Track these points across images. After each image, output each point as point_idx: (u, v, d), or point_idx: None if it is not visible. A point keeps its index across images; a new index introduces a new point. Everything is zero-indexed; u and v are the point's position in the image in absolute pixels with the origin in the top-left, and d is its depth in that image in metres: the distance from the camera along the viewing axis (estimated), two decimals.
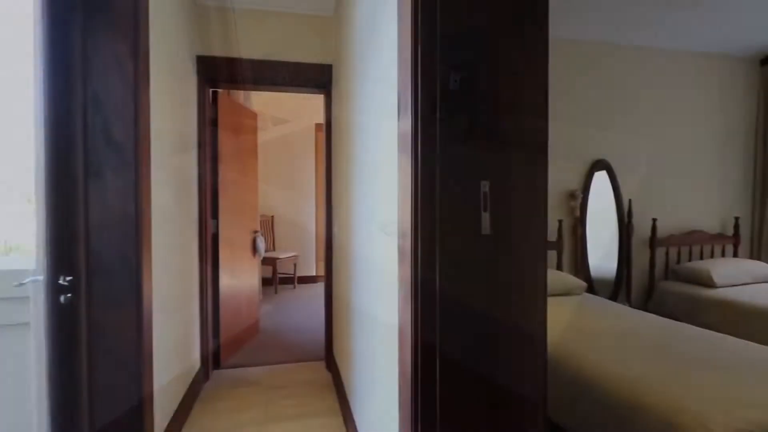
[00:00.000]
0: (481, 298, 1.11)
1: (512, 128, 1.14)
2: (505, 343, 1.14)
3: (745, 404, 1.40)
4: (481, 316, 1.10)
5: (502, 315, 1.14)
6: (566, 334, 2.15)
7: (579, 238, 3.49)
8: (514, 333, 1.15)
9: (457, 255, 1.08)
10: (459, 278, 1.09)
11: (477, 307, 1.11)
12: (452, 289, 1.08)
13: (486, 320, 1.11)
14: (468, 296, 1.09)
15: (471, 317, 1.10)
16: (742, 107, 3.93)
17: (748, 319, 2.84)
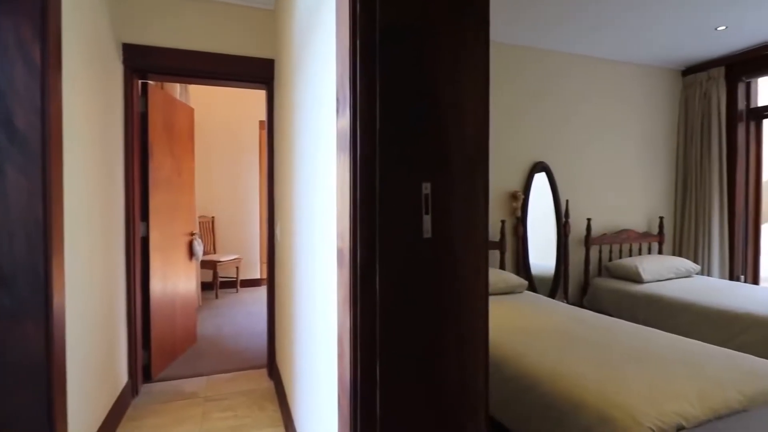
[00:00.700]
0: (423, 302, 1.07)
1: (454, 129, 1.11)
2: (448, 346, 1.12)
3: (673, 396, 1.47)
4: (423, 320, 1.07)
5: (445, 318, 1.11)
6: (508, 332, 2.18)
7: (520, 237, 3.60)
8: (457, 335, 1.13)
9: (398, 258, 1.04)
10: (400, 282, 1.04)
11: (419, 311, 1.07)
12: (393, 293, 1.03)
13: (428, 324, 1.08)
14: (409, 300, 1.05)
15: (412, 322, 1.06)
16: (666, 115, 4.23)
17: (673, 312, 3.04)
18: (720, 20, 3.15)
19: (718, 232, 3.95)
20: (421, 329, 1.07)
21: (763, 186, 4.03)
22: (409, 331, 1.05)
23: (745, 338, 2.60)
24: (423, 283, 1.07)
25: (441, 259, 1.10)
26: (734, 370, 1.67)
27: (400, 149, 1.04)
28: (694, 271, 3.72)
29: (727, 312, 2.74)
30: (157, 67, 2.64)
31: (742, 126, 3.91)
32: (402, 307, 1.04)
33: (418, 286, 1.06)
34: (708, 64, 3.99)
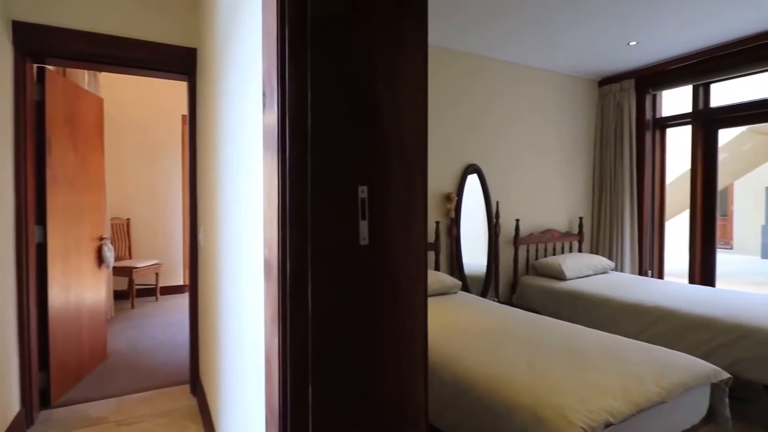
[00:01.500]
0: (360, 316, 0.99)
1: (392, 128, 1.05)
2: (387, 360, 1.05)
3: (599, 393, 1.52)
4: (361, 334, 0.99)
5: (383, 331, 1.04)
6: (444, 335, 2.17)
7: (454, 238, 3.65)
8: (396, 348, 1.06)
9: (333, 269, 0.95)
10: (335, 293, 0.96)
11: (355, 326, 0.99)
12: (327, 307, 0.94)
13: (366, 339, 1.00)
14: (345, 315, 0.97)
15: (349, 338, 0.98)
16: (585, 122, 4.52)
17: (593, 307, 3.23)
18: (632, 36, 3.41)
19: (629, 231, 4.28)
20: (358, 345, 0.99)
21: (665, 188, 4.44)
22: (346, 348, 0.96)
23: (656, 329, 2.82)
24: (360, 295, 0.99)
25: (379, 268, 1.03)
26: (651, 363, 1.77)
27: (334, 149, 0.96)
28: (610, 267, 4.00)
29: (639, 306, 2.96)
30: (57, 50, 2.32)
31: (649, 134, 4.28)
32: (337, 322, 0.95)
33: (355, 299, 0.98)
34: (621, 76, 4.32)
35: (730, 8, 2.91)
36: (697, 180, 4.00)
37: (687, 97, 4.04)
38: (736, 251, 10.38)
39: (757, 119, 3.86)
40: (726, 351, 2.47)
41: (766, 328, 2.35)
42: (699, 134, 3.98)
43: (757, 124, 5.19)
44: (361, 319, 0.98)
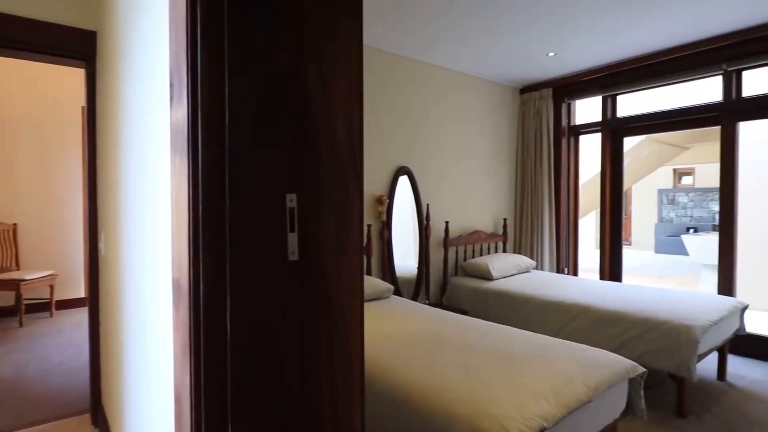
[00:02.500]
0: (291, 341, 0.87)
1: (324, 128, 0.94)
2: (321, 389, 0.94)
3: (533, 397, 1.53)
4: (291, 365, 0.87)
5: (318, 356, 0.93)
6: (377, 344, 2.10)
7: (386, 241, 3.60)
8: (331, 374, 0.96)
9: (256, 289, 0.82)
10: (259, 321, 0.83)
11: (285, 354, 0.87)
12: (250, 336, 0.81)
13: (297, 370, 0.88)
14: (272, 343, 0.84)
15: (277, 370, 0.85)
16: (508, 127, 4.71)
17: (518, 306, 3.35)
18: (551, 48, 3.59)
19: (548, 231, 4.53)
20: (288, 379, 0.87)
21: (579, 191, 4.76)
22: (273, 383, 0.84)
23: (575, 325, 2.97)
24: (290, 319, 0.87)
25: (312, 286, 0.91)
26: (577, 362, 1.84)
27: (256, 151, 0.83)
28: (531, 266, 4.19)
29: (560, 303, 3.11)
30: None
31: (565, 140, 4.55)
32: (263, 354, 0.82)
33: (284, 324, 0.86)
34: (540, 84, 4.55)
35: (637, 27, 3.16)
36: (606, 183, 4.33)
37: (599, 107, 4.35)
38: (634, 247, 11.56)
39: (656, 129, 4.27)
40: (636, 343, 2.66)
41: (668, 321, 2.56)
42: (607, 141, 4.31)
43: (655, 134, 5.78)
44: (292, 347, 0.86)
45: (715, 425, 2.38)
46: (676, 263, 9.05)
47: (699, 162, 10.42)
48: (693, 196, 11.09)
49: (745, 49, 3.27)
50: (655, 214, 11.55)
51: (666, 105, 3.95)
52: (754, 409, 2.55)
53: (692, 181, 11.55)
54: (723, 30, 3.23)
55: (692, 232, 9.89)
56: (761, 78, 3.47)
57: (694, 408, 2.55)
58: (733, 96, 3.47)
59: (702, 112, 3.67)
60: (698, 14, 2.96)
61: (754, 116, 3.44)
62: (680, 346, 2.46)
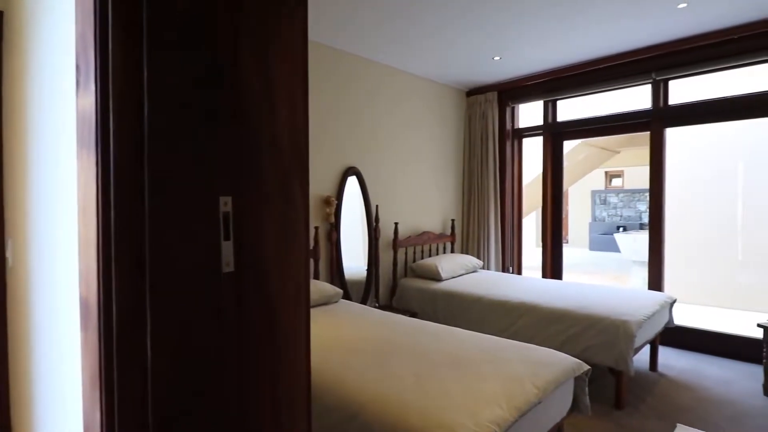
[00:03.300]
0: (224, 370, 0.77)
1: (265, 123, 0.84)
2: (263, 418, 0.84)
3: (486, 402, 1.51)
4: (225, 395, 0.76)
5: (259, 372, 0.83)
6: (326, 353, 2.00)
7: (334, 243, 3.50)
8: (276, 388, 0.86)
9: (183, 307, 0.71)
10: (189, 342, 0.72)
11: (221, 381, 0.76)
12: (175, 364, 0.70)
13: (232, 400, 0.78)
14: (204, 371, 0.74)
15: (209, 402, 0.74)
16: (456, 129, 4.76)
17: (467, 306, 3.37)
18: (496, 52, 3.65)
19: (493, 231, 4.63)
20: (225, 402, 0.76)
21: (522, 192, 4.91)
22: (207, 411, 0.73)
23: (521, 323, 3.03)
24: (225, 339, 0.76)
25: (251, 301, 0.81)
26: (526, 362, 1.84)
27: (183, 147, 0.72)
28: (479, 266, 4.26)
29: (507, 302, 3.16)
30: None
31: (509, 143, 4.68)
32: (192, 381, 0.71)
33: (219, 344, 0.75)
34: (486, 88, 4.64)
35: (576, 36, 3.28)
36: (548, 184, 4.49)
37: (540, 111, 4.51)
38: (570, 245, 12.21)
39: (593, 133, 4.49)
40: (578, 339, 2.75)
41: (607, 317, 2.67)
42: (548, 144, 4.47)
43: (590, 138, 6.10)
44: (228, 370, 0.76)
45: (650, 415, 2.50)
46: (608, 260, 9.64)
47: (628, 165, 11.18)
48: (622, 197, 11.88)
49: (672, 60, 3.50)
50: (589, 213, 12.27)
51: (602, 111, 4.16)
52: (684, 397, 2.72)
53: (622, 183, 12.38)
54: (653, 41, 3.43)
55: (622, 230, 10.60)
56: (686, 87, 3.73)
57: (630, 399, 2.67)
58: (661, 104, 3.70)
59: (634, 118, 3.90)
60: (630, 25, 3.12)
61: (680, 123, 3.70)
62: (618, 341, 2.57)
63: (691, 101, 3.59)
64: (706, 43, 3.28)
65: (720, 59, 3.31)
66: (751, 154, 5.28)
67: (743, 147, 5.36)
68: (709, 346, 3.47)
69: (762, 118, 3.56)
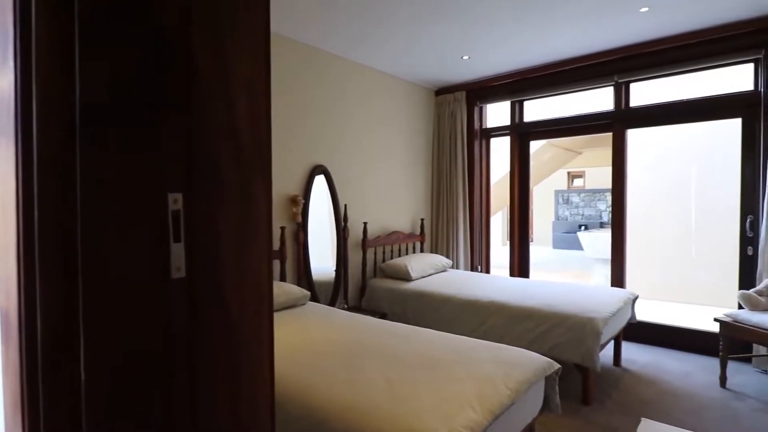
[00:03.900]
0: (177, 379, 0.68)
1: (221, 114, 0.76)
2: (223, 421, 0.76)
3: (459, 405, 1.47)
4: (179, 400, 0.68)
5: (216, 387, 0.74)
6: (292, 358, 1.92)
7: (301, 244, 3.40)
8: (237, 400, 0.78)
9: (125, 320, 0.63)
10: (130, 358, 0.63)
11: (168, 393, 0.68)
12: (118, 384, 0.61)
13: (188, 406, 0.69)
14: (151, 390, 0.65)
15: (160, 411, 0.66)
16: (425, 128, 4.75)
17: (437, 306, 3.35)
18: (465, 51, 3.65)
19: (462, 230, 4.64)
20: (177, 425, 0.68)
21: (491, 191, 4.94)
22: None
23: (491, 322, 3.03)
24: (176, 352, 0.68)
25: (205, 309, 0.73)
26: (498, 363, 1.82)
27: (124, 136, 0.63)
28: (448, 265, 4.25)
29: (477, 301, 3.16)
30: None
31: (477, 142, 4.70)
32: (134, 408, 0.62)
33: (166, 364, 0.67)
34: (454, 87, 4.64)
35: (542, 37, 3.32)
36: (515, 184, 4.54)
37: (508, 111, 4.55)
38: (535, 244, 12.50)
39: (558, 134, 4.57)
40: (546, 337, 2.77)
41: (575, 314, 2.71)
42: (515, 144, 4.52)
43: (555, 139, 6.24)
44: (179, 393, 0.68)
45: (616, 410, 2.55)
46: (571, 258, 9.93)
47: (589, 166, 11.56)
48: (584, 197, 12.27)
49: (633, 63, 3.60)
50: (553, 212, 12.61)
51: (568, 112, 4.24)
52: (647, 391, 2.79)
53: (583, 183, 12.79)
54: (615, 44, 3.52)
55: (583, 229, 10.94)
56: (647, 90, 3.85)
57: (597, 395, 2.71)
58: (622, 105, 3.80)
59: (597, 119, 3.99)
60: (594, 28, 3.18)
61: (640, 124, 3.81)
62: (585, 338, 2.60)
63: (651, 104, 3.70)
64: (666, 47, 3.39)
65: (679, 63, 3.42)
66: (704, 158, 5.53)
67: (697, 151, 5.61)
68: (669, 340, 3.59)
69: (718, 120, 3.73)
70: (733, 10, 2.91)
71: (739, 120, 3.32)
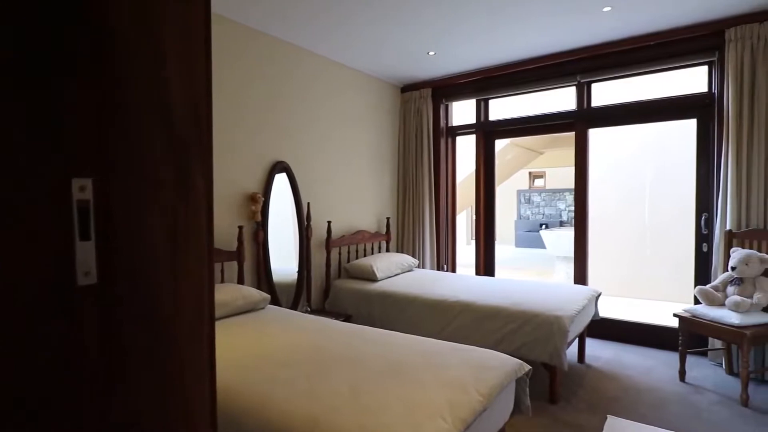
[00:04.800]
0: (86, 411, 0.54)
1: (148, 83, 0.63)
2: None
3: (429, 414, 1.38)
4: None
5: (136, 419, 0.61)
6: (248, 369, 1.77)
7: (261, 244, 3.22)
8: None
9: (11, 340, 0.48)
10: (20, 391, 0.49)
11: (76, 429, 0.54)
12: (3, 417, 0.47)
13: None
14: (46, 420, 0.51)
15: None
16: (391, 125, 4.65)
17: (403, 306, 3.26)
18: (431, 46, 3.59)
19: (428, 229, 4.58)
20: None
21: (456, 190, 4.91)
22: None
23: (458, 322, 2.97)
24: (85, 378, 0.54)
25: (125, 323, 0.59)
26: (468, 366, 1.74)
27: (10, 103, 0.49)
28: (414, 264, 4.18)
29: (444, 301, 3.09)
30: None
31: (443, 140, 4.65)
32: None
33: (70, 394, 0.53)
34: (420, 84, 4.58)
35: (507, 35, 3.30)
36: (481, 182, 4.53)
37: (473, 109, 4.53)
38: (498, 242, 12.71)
39: (522, 132, 4.60)
40: (514, 336, 2.73)
41: (542, 312, 2.68)
42: (481, 143, 4.50)
43: (518, 138, 6.31)
44: (89, 420, 0.54)
45: (582, 408, 2.54)
46: (533, 256, 10.14)
47: (550, 166, 11.85)
48: (545, 196, 12.58)
49: (595, 63, 3.65)
50: (515, 212, 12.86)
51: (532, 111, 4.26)
52: (611, 387, 2.81)
53: (544, 183, 13.11)
54: (578, 44, 3.55)
55: (544, 227, 11.20)
56: (607, 91, 3.92)
57: (563, 393, 2.70)
58: (584, 105, 3.85)
59: (560, 118, 4.03)
60: (557, 27, 3.19)
61: (602, 124, 3.87)
62: (553, 336, 2.58)
63: (612, 104, 3.77)
64: (627, 47, 3.45)
65: (639, 64, 3.50)
66: (660, 158, 5.74)
67: (653, 152, 5.81)
68: (629, 336, 3.66)
69: (675, 121, 3.84)
70: (692, 12, 2.98)
71: (695, 120, 3.42)
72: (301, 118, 3.60)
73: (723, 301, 2.79)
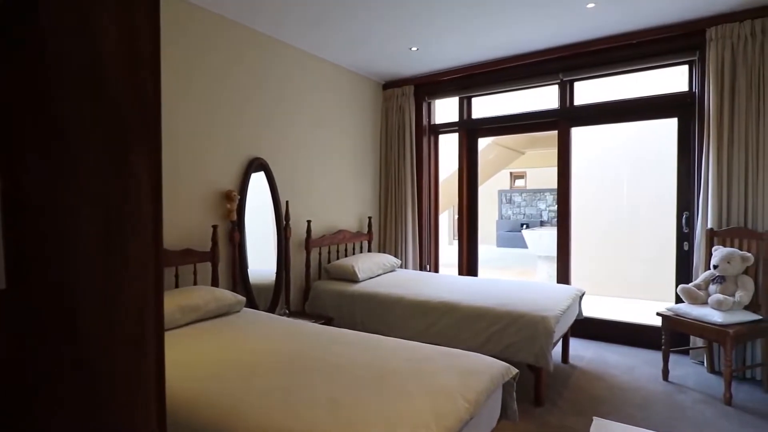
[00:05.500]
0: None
1: (76, 47, 0.52)
2: None
3: (414, 426, 1.28)
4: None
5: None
6: (218, 379, 1.65)
7: (237, 244, 3.09)
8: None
9: None
10: None
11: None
12: None
13: None
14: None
15: None
16: (373, 122, 4.56)
17: (386, 308, 3.17)
18: (413, 41, 3.50)
19: (411, 229, 4.50)
20: None
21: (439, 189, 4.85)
22: None
23: (443, 323, 2.90)
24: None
25: (47, 343, 0.48)
26: (455, 372, 1.66)
27: None
28: (396, 265, 4.09)
29: (428, 302, 3.01)
30: None
31: (426, 138, 4.58)
32: None
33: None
34: (402, 81, 4.49)
35: (490, 32, 3.24)
36: (464, 181, 4.47)
37: (456, 107, 4.47)
38: (480, 242, 12.75)
39: (505, 131, 4.57)
40: (500, 337, 2.67)
41: (527, 313, 2.63)
42: (464, 141, 4.45)
43: (501, 137, 6.29)
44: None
45: (568, 410, 2.49)
46: (515, 255, 10.18)
47: (530, 167, 11.93)
48: (525, 197, 12.67)
49: (578, 62, 3.63)
50: (496, 212, 12.92)
51: (515, 109, 4.22)
52: (596, 388, 2.77)
53: (524, 183, 13.21)
54: (560, 42, 3.52)
55: (525, 227, 11.26)
56: (590, 89, 3.90)
57: (548, 395, 2.65)
58: (567, 104, 3.83)
59: (543, 117, 4.00)
60: (540, 25, 3.14)
61: (584, 123, 3.85)
62: (538, 336, 2.52)
63: (594, 103, 3.75)
64: (609, 46, 3.43)
65: (621, 63, 3.49)
66: (640, 157, 5.79)
67: (634, 151, 5.86)
68: (612, 335, 3.65)
69: (656, 120, 3.85)
70: (674, 11, 2.97)
71: (675, 119, 3.43)
72: (280, 113, 3.47)
73: (705, 299, 2.79)
